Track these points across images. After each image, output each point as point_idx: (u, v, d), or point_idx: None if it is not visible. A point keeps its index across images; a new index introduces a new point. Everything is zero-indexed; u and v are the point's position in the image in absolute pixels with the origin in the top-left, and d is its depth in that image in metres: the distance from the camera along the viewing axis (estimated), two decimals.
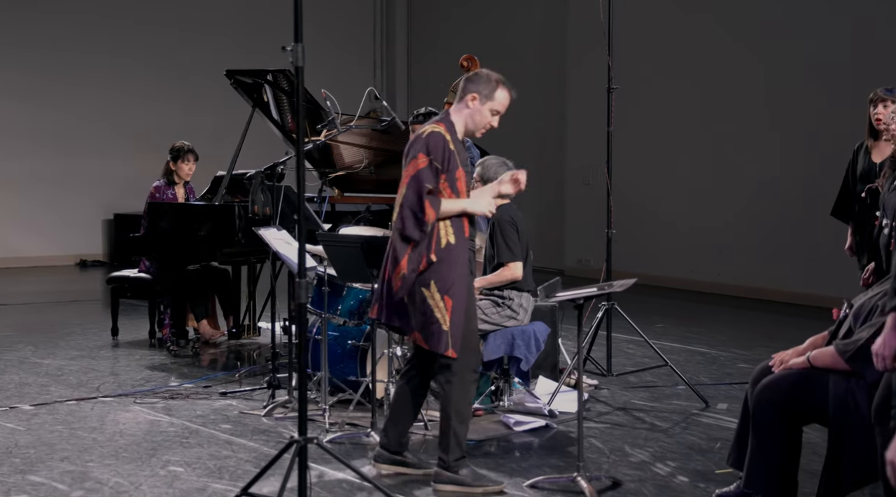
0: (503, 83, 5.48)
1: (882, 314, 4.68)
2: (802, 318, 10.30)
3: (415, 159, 5.38)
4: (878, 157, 7.38)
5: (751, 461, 4.84)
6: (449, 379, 5.40)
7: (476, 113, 5.46)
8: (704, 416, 6.88)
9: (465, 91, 5.49)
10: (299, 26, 4.59)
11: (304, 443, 4.71)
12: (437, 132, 5.39)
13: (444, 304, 5.32)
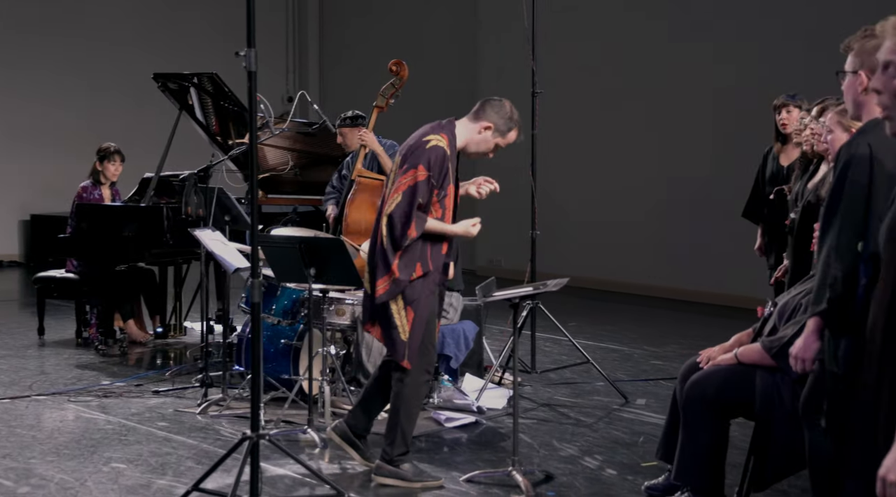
0: (519, 125, 5.63)
1: (805, 312, 4.99)
2: (712, 317, 10.66)
3: (414, 170, 5.43)
4: (786, 160, 7.73)
5: (681, 454, 5.11)
6: (402, 379, 5.58)
7: (484, 142, 5.60)
8: (625, 412, 7.16)
9: (484, 115, 5.58)
10: (252, 32, 4.72)
11: (257, 439, 4.86)
12: (439, 147, 5.45)
13: (405, 313, 5.48)
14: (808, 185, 6.57)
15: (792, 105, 7.64)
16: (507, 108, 5.62)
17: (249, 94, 4.78)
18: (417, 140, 5.54)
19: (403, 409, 5.60)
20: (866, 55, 3.75)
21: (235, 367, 7.40)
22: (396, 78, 7.83)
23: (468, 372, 7.44)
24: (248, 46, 4.70)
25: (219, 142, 9.62)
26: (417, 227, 5.42)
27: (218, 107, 9.48)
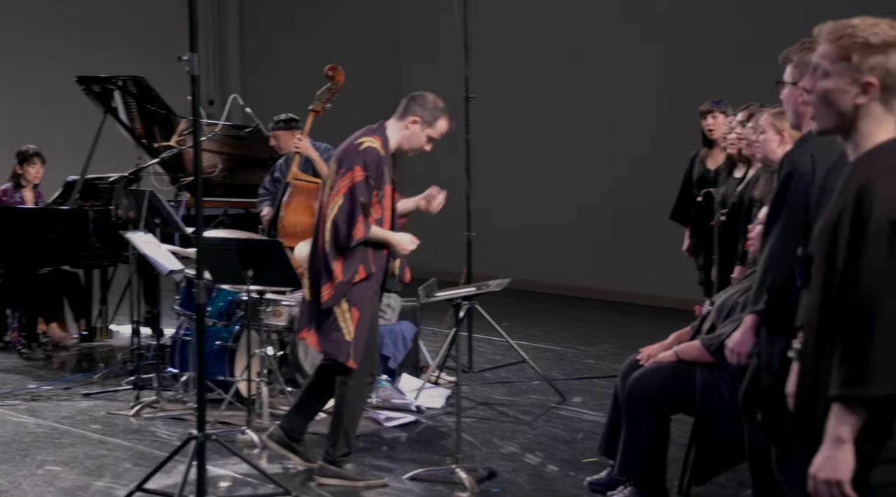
0: (446, 113, 5.66)
1: (743, 310, 5.08)
2: (642, 317, 10.75)
3: (351, 172, 5.45)
4: (713, 164, 7.86)
5: (624, 449, 5.18)
6: (346, 381, 5.58)
7: (414, 136, 5.63)
8: (562, 409, 7.22)
9: (409, 111, 5.62)
10: (195, 36, 4.71)
11: (203, 439, 4.83)
12: (373, 148, 5.49)
13: (350, 315, 5.50)
14: (738, 188, 6.70)
15: (717, 111, 7.79)
16: (430, 98, 5.66)
17: (193, 97, 4.77)
18: (350, 143, 5.58)
19: (347, 411, 5.61)
20: (805, 67, 3.80)
21: (169, 369, 7.32)
22: (332, 82, 7.80)
23: (405, 372, 7.45)
24: (190, 51, 4.68)
25: (144, 145, 9.52)
26: (364, 228, 5.43)
27: (143, 110, 9.39)
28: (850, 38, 2.80)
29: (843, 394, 2.65)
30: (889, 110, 2.81)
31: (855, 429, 2.67)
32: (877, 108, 2.79)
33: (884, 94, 2.78)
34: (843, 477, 2.66)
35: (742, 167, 6.86)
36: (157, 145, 9.40)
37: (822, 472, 2.68)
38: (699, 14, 11.37)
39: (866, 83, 2.77)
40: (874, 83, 2.76)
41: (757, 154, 5.74)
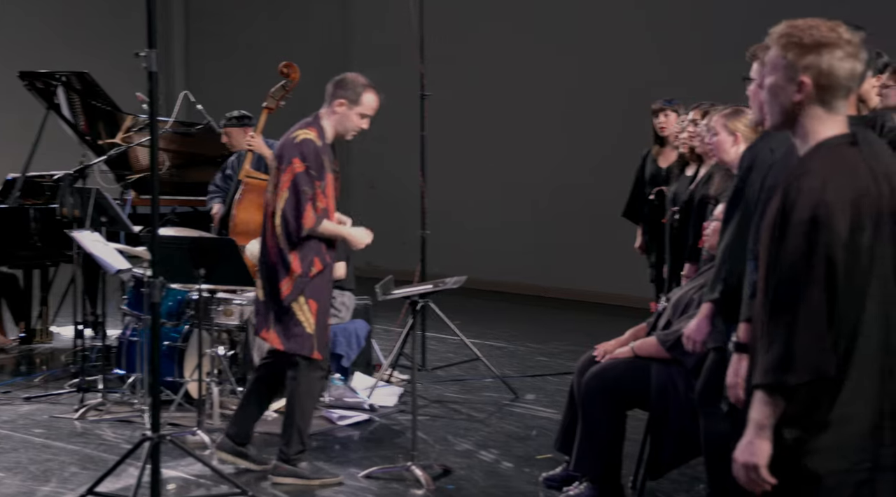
0: (370, 87, 5.61)
1: (698, 306, 5.07)
2: (592, 314, 10.79)
3: (290, 165, 5.44)
4: (664, 162, 7.89)
5: (580, 445, 5.16)
6: (296, 376, 5.53)
7: (345, 118, 5.58)
8: (516, 407, 7.20)
9: (334, 96, 5.59)
10: (153, 33, 4.63)
11: (158, 440, 4.75)
12: (309, 139, 5.47)
13: (308, 307, 5.46)
14: (690, 186, 6.71)
15: (669, 109, 7.80)
16: (350, 77, 5.65)
17: (150, 94, 4.70)
18: (287, 138, 5.59)
19: (299, 408, 5.55)
20: None
21: (115, 370, 7.21)
22: (287, 80, 7.73)
23: (358, 371, 7.39)
24: (148, 47, 4.60)
25: (88, 142, 9.37)
26: (314, 217, 5.41)
27: (87, 106, 9.24)
28: (788, 38, 2.87)
29: (763, 382, 2.74)
30: (830, 110, 2.86)
31: (775, 415, 2.76)
32: (815, 107, 2.85)
33: (820, 93, 2.83)
34: (759, 462, 2.77)
35: (693, 165, 6.87)
36: (101, 142, 9.26)
37: (741, 455, 2.80)
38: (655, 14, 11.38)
39: (800, 82, 2.83)
40: (806, 82, 2.82)
41: (710, 155, 5.78)
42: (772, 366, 2.73)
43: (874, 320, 2.77)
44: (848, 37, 2.85)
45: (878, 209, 2.78)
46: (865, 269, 2.73)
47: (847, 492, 2.79)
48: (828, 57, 2.81)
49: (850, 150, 2.84)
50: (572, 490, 5.26)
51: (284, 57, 7.86)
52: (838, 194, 2.72)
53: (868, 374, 2.77)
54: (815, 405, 2.76)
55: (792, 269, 2.74)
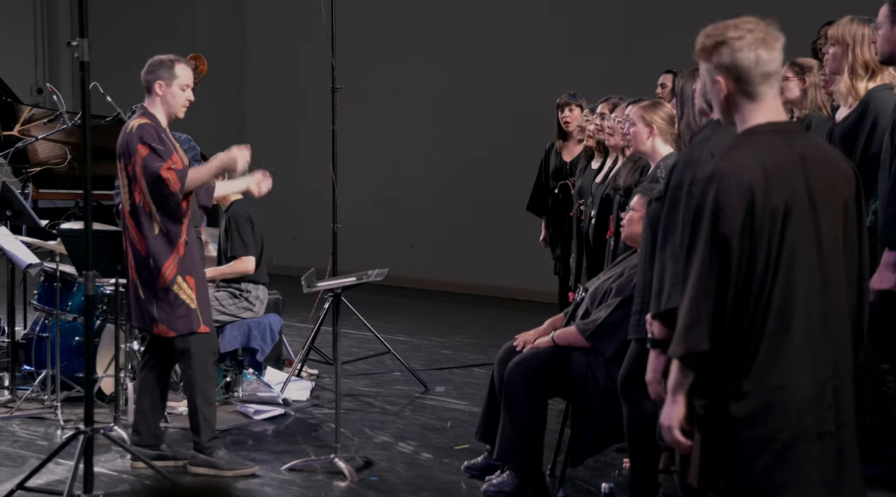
0: (178, 60, 5.73)
1: (616, 295, 5.26)
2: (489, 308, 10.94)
3: (136, 153, 5.54)
4: (568, 156, 8.06)
5: (503, 434, 5.29)
6: (189, 364, 5.60)
7: (168, 96, 5.67)
8: (427, 399, 7.32)
9: (149, 82, 5.68)
10: (84, 21, 4.61)
11: (92, 433, 4.76)
12: (145, 123, 5.59)
13: (187, 284, 5.54)
14: (597, 178, 6.90)
15: (574, 104, 7.96)
16: (155, 61, 5.74)
17: (82, 84, 4.67)
18: (122, 135, 5.69)
19: (199, 395, 5.62)
20: None
21: (24, 366, 7.13)
22: (195, 72, 7.70)
23: (268, 365, 7.42)
24: (80, 36, 4.59)
25: None
26: (179, 178, 5.49)
27: None
28: (699, 47, 3.13)
29: (670, 353, 3.03)
30: (754, 98, 3.06)
31: (685, 383, 3.02)
32: (741, 99, 3.06)
33: (738, 85, 3.05)
34: (672, 424, 3.05)
35: (599, 158, 7.06)
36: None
37: (662, 418, 3.10)
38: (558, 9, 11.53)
39: (717, 80, 3.07)
40: (720, 79, 3.06)
41: (628, 145, 5.96)
42: (676, 337, 2.99)
43: (792, 297, 2.95)
44: (749, 28, 3.06)
45: (801, 195, 2.97)
46: (770, 251, 2.92)
47: (765, 458, 2.99)
48: (728, 52, 3.03)
49: (773, 139, 3.03)
50: (495, 479, 5.39)
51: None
52: (736, 182, 2.92)
53: (785, 348, 2.96)
54: (730, 375, 2.97)
55: (690, 249, 2.97)
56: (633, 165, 6.08)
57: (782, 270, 2.91)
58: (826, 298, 2.99)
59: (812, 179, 2.97)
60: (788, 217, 2.92)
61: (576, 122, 7.86)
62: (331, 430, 6.44)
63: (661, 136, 5.52)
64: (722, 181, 2.90)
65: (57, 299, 6.70)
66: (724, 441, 2.99)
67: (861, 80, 5.17)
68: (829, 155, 3.10)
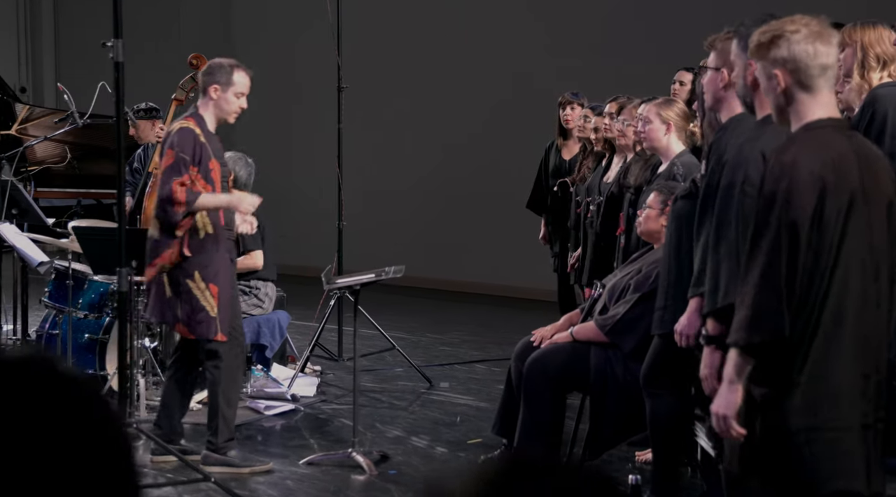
0: (238, 66, 5.75)
1: (634, 291, 5.36)
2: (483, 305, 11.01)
3: (165, 156, 5.60)
4: (568, 154, 8.15)
5: (523, 428, 5.38)
6: (217, 364, 5.64)
7: (223, 102, 5.69)
8: (433, 394, 7.41)
9: (206, 84, 5.71)
10: (119, 21, 4.67)
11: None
12: (185, 127, 5.61)
13: (209, 291, 5.58)
14: (605, 177, 6.99)
15: (576, 103, 8.04)
16: (215, 63, 5.78)
17: (116, 84, 4.71)
18: (166, 132, 5.74)
19: (222, 396, 5.66)
20: (727, 54, 4.09)
21: None
22: (196, 71, 7.75)
23: (274, 362, 7.49)
24: (114, 37, 4.63)
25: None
26: (187, 197, 5.52)
27: None
28: (755, 44, 3.21)
29: (731, 341, 3.09)
30: (811, 91, 3.14)
31: (744, 372, 3.09)
32: (797, 92, 3.14)
33: (795, 78, 3.13)
34: (728, 413, 3.10)
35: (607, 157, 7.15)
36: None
37: (715, 406, 3.15)
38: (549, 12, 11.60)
39: (774, 74, 3.14)
40: (778, 73, 3.13)
41: (639, 144, 6.06)
42: (739, 325, 3.04)
43: (847, 290, 3.04)
44: (804, 22, 3.15)
45: (857, 191, 3.06)
46: (833, 242, 3.01)
47: (814, 448, 3.08)
48: (785, 45, 3.12)
49: (834, 134, 3.13)
50: None
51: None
52: (809, 171, 3.00)
53: (839, 340, 3.05)
54: (785, 365, 3.05)
55: (758, 237, 3.03)
56: (644, 163, 6.18)
57: (841, 264, 3.00)
58: (875, 294, 3.10)
59: (865, 177, 3.06)
60: (850, 212, 3.01)
61: (576, 121, 7.93)
62: (342, 426, 6.53)
63: (676, 133, 5.64)
64: (793, 171, 2.97)
65: (69, 296, 6.74)
66: (775, 429, 3.07)
67: (874, 72, 5.22)
68: (876, 153, 3.21)
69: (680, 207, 4.80)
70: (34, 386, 1.13)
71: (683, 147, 5.69)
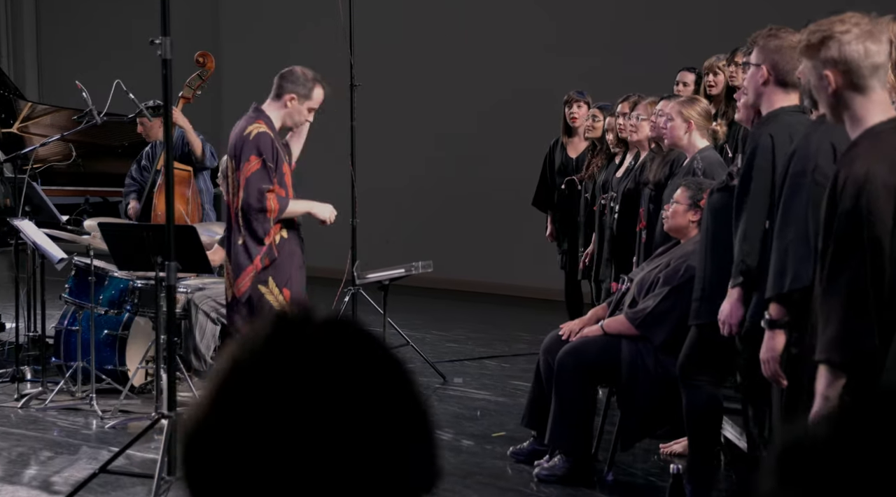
0: (319, 82, 5.73)
1: (664, 285, 5.46)
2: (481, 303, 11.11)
3: (248, 162, 5.54)
4: (574, 152, 8.25)
5: (555, 420, 5.47)
6: None
7: (295, 112, 5.69)
8: (449, 390, 7.49)
9: (283, 90, 5.68)
10: (167, 19, 4.72)
11: (176, 418, 4.89)
12: (264, 133, 5.59)
13: (283, 297, 5.60)
14: (617, 173, 7.10)
15: (581, 101, 8.15)
16: (299, 72, 5.75)
17: (164, 82, 4.76)
18: (238, 136, 5.66)
19: None
20: (769, 52, 4.21)
21: (53, 359, 7.20)
22: (203, 69, 7.82)
23: None
24: (162, 34, 4.69)
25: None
26: (279, 203, 5.56)
27: None
28: (804, 44, 3.26)
29: (822, 358, 3.09)
30: (865, 92, 3.17)
31: (837, 386, 3.08)
32: (851, 93, 3.17)
33: (847, 79, 3.16)
34: None
35: (619, 154, 7.26)
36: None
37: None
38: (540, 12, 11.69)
39: (825, 75, 3.18)
40: (829, 74, 3.17)
41: (658, 140, 6.17)
42: (828, 345, 3.07)
43: None
44: (854, 21, 3.19)
45: None
46: None
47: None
48: (835, 46, 3.16)
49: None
50: (546, 463, 5.57)
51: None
52: (882, 183, 3.03)
53: None
54: (875, 376, 3.05)
55: (841, 253, 3.05)
56: (662, 160, 6.28)
57: None
58: None
59: None
60: None
61: (582, 119, 8.05)
62: None
63: (697, 131, 5.76)
64: (868, 184, 3.00)
65: (91, 292, 6.76)
66: None
67: None
68: None
69: (716, 200, 4.90)
70: (359, 340, 1.23)
71: (707, 143, 5.80)
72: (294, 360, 1.19)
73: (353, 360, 1.21)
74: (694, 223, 5.43)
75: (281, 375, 1.18)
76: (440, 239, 12.22)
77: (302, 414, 1.16)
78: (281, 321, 1.23)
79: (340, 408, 1.17)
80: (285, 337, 1.21)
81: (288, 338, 1.21)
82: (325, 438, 1.17)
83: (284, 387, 1.17)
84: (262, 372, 1.19)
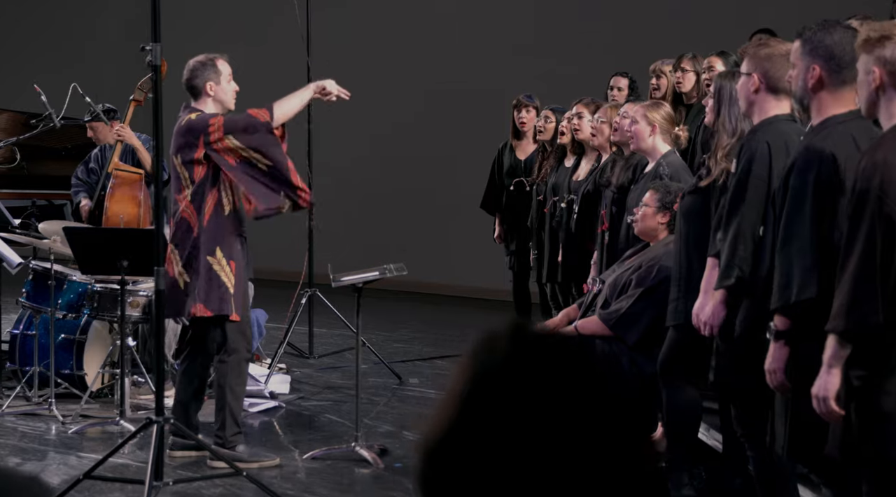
0: (215, 57, 5.88)
1: (637, 286, 5.58)
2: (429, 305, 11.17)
3: (209, 127, 5.66)
4: (522, 154, 8.39)
5: None
6: (224, 358, 5.71)
7: (220, 93, 5.83)
8: (406, 390, 7.55)
9: (198, 85, 5.81)
10: (157, 26, 4.72)
11: (164, 423, 4.89)
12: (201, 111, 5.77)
13: (229, 268, 5.68)
14: (576, 175, 7.21)
15: (531, 105, 8.27)
16: (194, 63, 5.87)
17: (155, 87, 4.76)
18: (181, 126, 5.78)
19: (229, 390, 5.74)
20: (759, 60, 4.33)
21: (9, 364, 7.11)
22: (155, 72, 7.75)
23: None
24: (153, 41, 4.69)
25: None
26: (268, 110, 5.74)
27: None
28: (863, 38, 3.40)
29: (828, 327, 3.26)
30: None
31: (842, 356, 3.26)
32: (891, 92, 3.34)
33: (891, 79, 3.33)
34: (828, 394, 3.29)
35: (571, 156, 7.39)
36: None
37: (815, 389, 3.32)
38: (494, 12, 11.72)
39: (872, 71, 3.35)
40: (876, 71, 3.33)
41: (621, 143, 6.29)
42: (836, 313, 3.23)
43: None
44: None
45: None
46: None
47: None
48: (892, 47, 3.33)
49: None
50: None
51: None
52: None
53: None
54: (882, 350, 3.23)
55: (854, 231, 3.23)
56: (626, 163, 6.40)
57: None
58: None
59: None
60: None
61: (531, 123, 8.18)
62: (328, 421, 6.66)
63: (661, 135, 5.89)
64: (885, 167, 3.17)
65: (52, 296, 6.69)
66: (872, 413, 3.25)
67: None
68: None
69: (688, 203, 5.04)
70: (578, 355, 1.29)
71: (669, 147, 5.93)
72: (538, 376, 1.25)
73: (585, 372, 1.27)
74: (663, 225, 5.55)
75: (528, 392, 1.24)
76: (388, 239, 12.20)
77: (550, 426, 1.22)
78: (516, 338, 1.29)
79: (581, 416, 1.24)
80: (526, 354, 1.27)
81: (529, 354, 1.27)
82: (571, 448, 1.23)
83: (533, 402, 1.23)
84: (510, 389, 1.24)
